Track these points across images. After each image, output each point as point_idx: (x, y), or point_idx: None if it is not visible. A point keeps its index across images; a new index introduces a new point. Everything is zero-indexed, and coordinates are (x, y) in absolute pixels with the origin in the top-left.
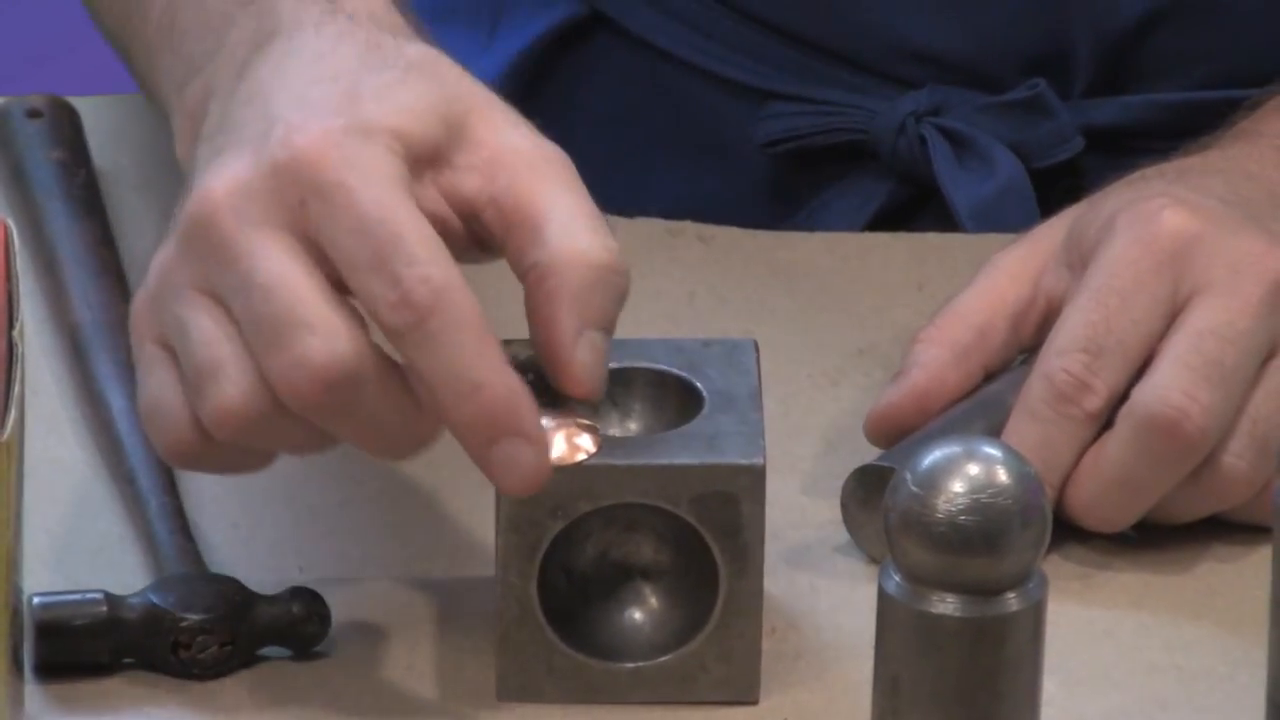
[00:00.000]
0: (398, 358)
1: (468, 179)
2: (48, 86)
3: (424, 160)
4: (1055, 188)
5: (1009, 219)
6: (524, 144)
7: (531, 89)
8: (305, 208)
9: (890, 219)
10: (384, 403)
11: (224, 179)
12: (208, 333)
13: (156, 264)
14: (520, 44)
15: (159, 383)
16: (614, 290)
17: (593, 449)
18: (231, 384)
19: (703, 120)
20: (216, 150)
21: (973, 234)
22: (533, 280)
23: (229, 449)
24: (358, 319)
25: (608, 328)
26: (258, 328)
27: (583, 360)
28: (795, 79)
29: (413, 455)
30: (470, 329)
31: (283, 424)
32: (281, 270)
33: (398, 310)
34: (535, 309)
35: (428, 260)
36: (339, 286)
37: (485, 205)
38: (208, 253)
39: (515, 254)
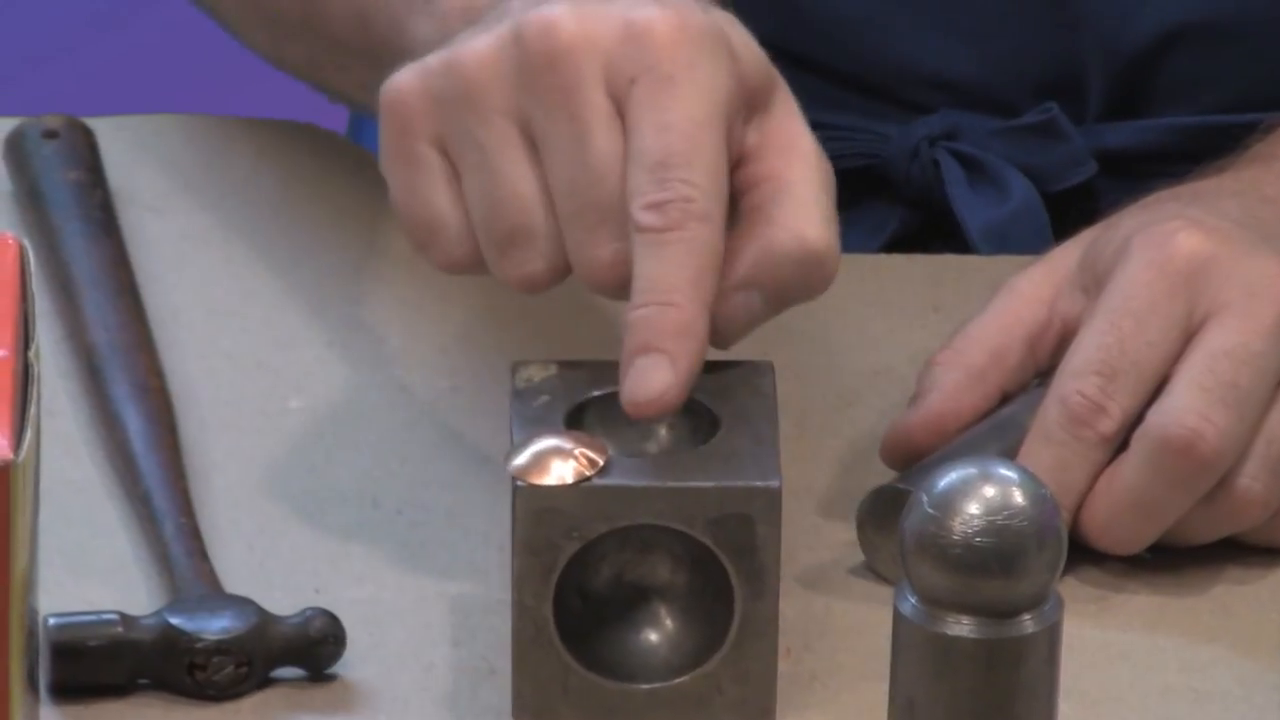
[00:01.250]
0: None
1: (751, 134)
2: (64, 107)
3: (745, 97)
4: (1069, 212)
5: (1022, 243)
6: (808, 138)
7: None
8: (634, 86)
9: (904, 244)
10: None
11: (579, 18)
12: (522, 190)
13: (452, 59)
14: None
15: (444, 198)
16: (809, 271)
17: (603, 468)
18: (541, 256)
19: None
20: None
21: (986, 256)
22: (745, 230)
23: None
24: None
25: (779, 300)
26: (581, 210)
27: (730, 308)
28: (808, 104)
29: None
30: (697, 258)
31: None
32: (610, 153)
33: (649, 211)
34: (729, 254)
35: (704, 189)
36: None
37: (750, 156)
38: (542, 91)
39: (747, 209)
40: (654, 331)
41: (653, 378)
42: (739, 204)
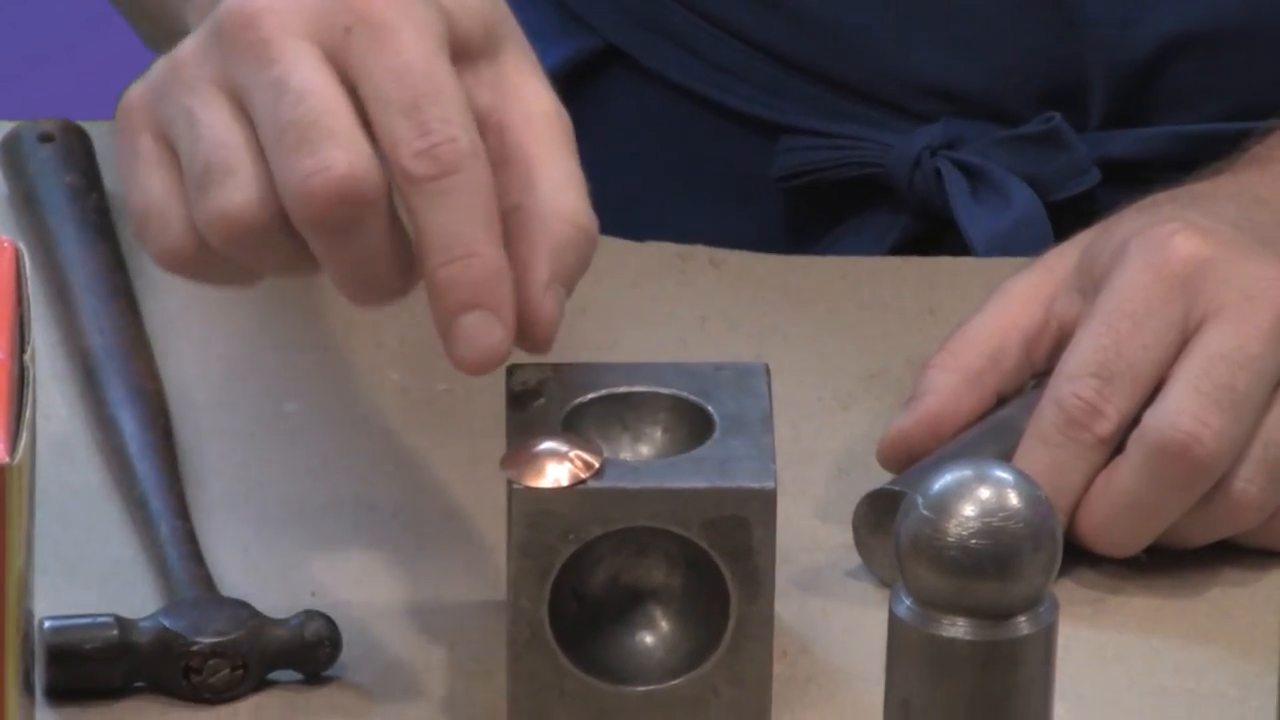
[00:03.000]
0: None
1: (483, 93)
2: (59, 110)
3: (457, 50)
4: (1072, 221)
5: (1025, 252)
6: (544, 94)
7: None
8: (350, 35)
9: (906, 253)
10: (379, 235)
11: None
12: (221, 131)
13: (168, 59)
14: None
15: (159, 182)
16: (586, 254)
17: (598, 470)
18: (239, 189)
19: (718, 154)
20: None
21: (982, 259)
22: (515, 222)
23: (219, 260)
24: (374, 147)
25: (571, 287)
26: (282, 131)
27: (549, 309)
28: (810, 113)
29: (380, 303)
30: (481, 200)
31: (279, 239)
32: (317, 79)
33: (419, 159)
34: (513, 251)
35: (460, 124)
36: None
37: (490, 127)
38: (240, 51)
39: (501, 187)
40: (469, 288)
41: (483, 335)
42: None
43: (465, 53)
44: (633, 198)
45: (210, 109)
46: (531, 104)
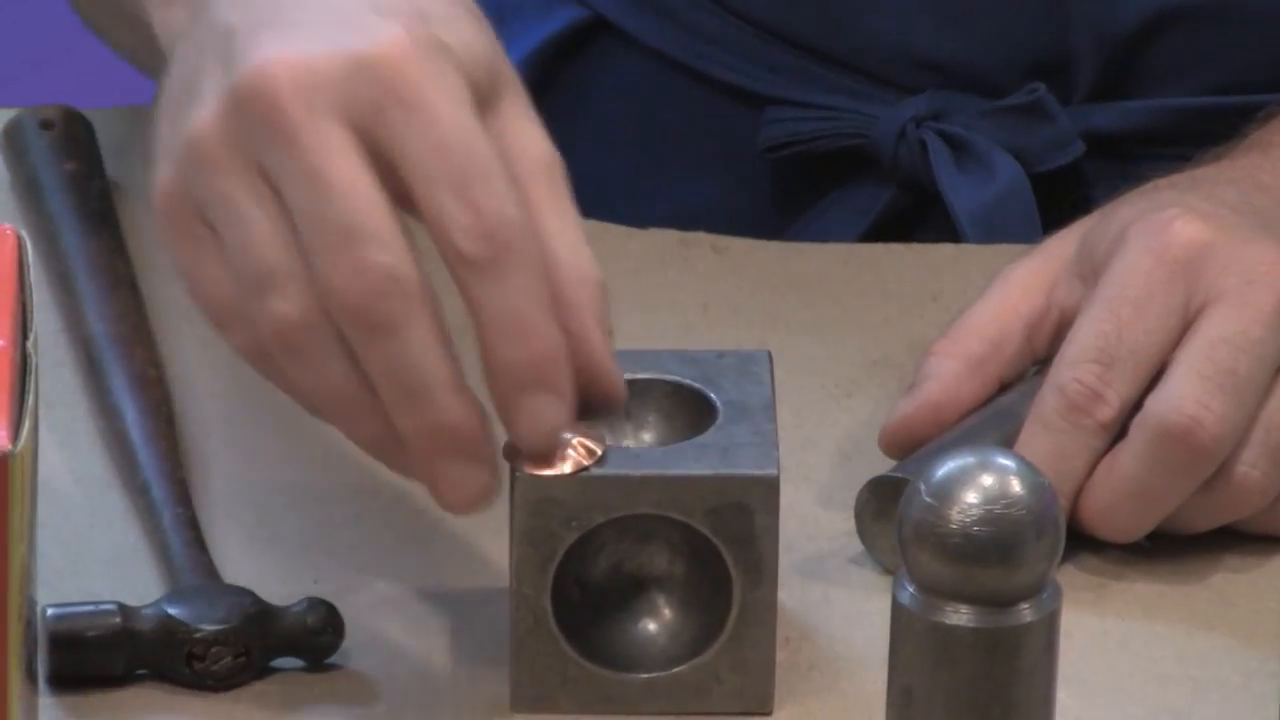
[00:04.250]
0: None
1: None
2: (61, 98)
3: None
4: (1056, 193)
5: (1009, 224)
6: (541, 139)
7: (533, 95)
8: (382, 114)
9: (891, 225)
10: (422, 330)
11: (288, 56)
12: (264, 232)
13: (192, 134)
14: (523, 51)
15: (215, 278)
16: (607, 302)
17: (601, 458)
18: (288, 300)
19: (704, 125)
20: (260, 22)
21: (985, 245)
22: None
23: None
24: (411, 237)
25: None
26: (320, 229)
27: (618, 375)
28: (796, 84)
29: (427, 416)
30: (537, 277)
31: (327, 344)
32: (353, 172)
33: (473, 239)
34: (566, 324)
35: (508, 198)
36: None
37: None
38: (268, 134)
39: None
40: (530, 368)
41: (547, 414)
42: None
43: (477, 104)
44: (618, 169)
45: (249, 201)
46: (533, 152)
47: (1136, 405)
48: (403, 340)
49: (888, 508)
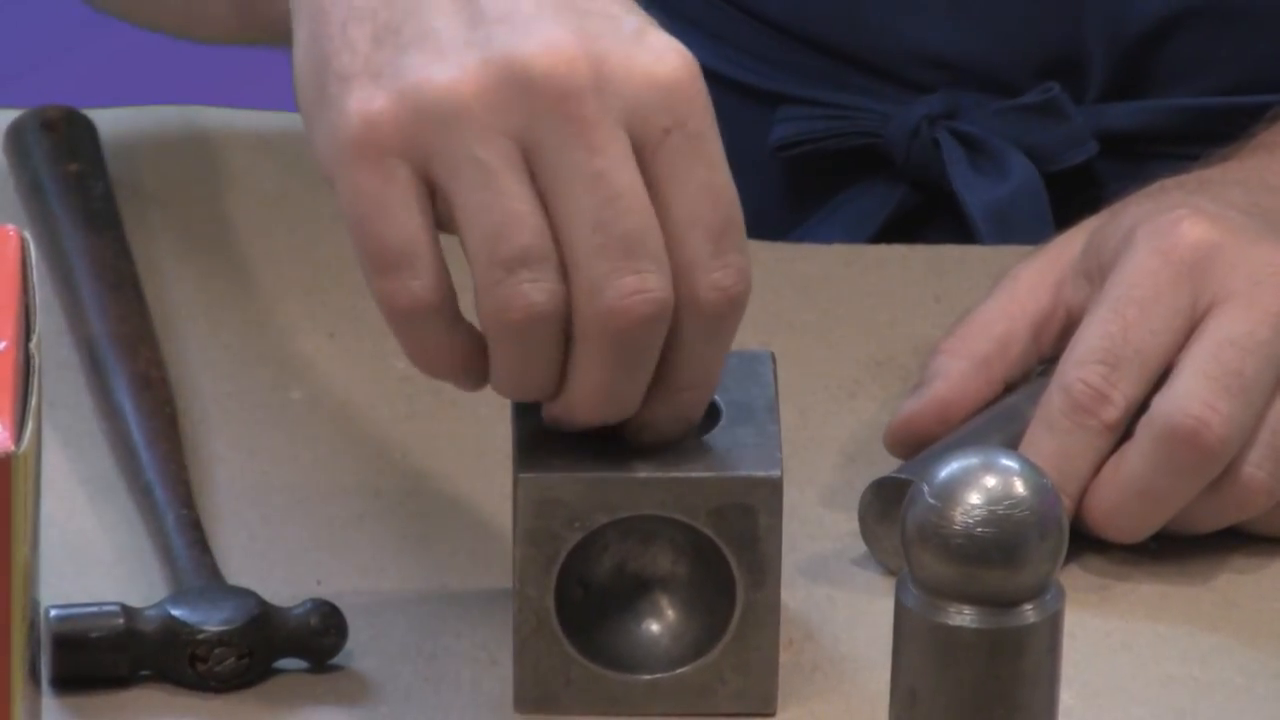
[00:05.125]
0: None
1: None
2: (63, 98)
3: None
4: (1069, 192)
5: (1022, 223)
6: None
7: None
8: (668, 138)
9: (904, 224)
10: (653, 357)
11: (586, 50)
12: (523, 211)
13: (445, 86)
14: None
15: (417, 219)
16: None
17: (606, 459)
18: (540, 285)
19: (717, 124)
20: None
21: (990, 245)
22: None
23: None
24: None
25: None
26: (603, 237)
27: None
28: (808, 83)
29: (615, 416)
30: (734, 333)
31: (557, 337)
32: (638, 188)
33: (715, 291)
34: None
35: (746, 254)
36: None
37: None
38: (556, 122)
39: None
40: (695, 415)
41: None
42: None
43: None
44: None
45: (512, 175)
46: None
47: (1143, 406)
48: (647, 371)
49: (891, 509)
